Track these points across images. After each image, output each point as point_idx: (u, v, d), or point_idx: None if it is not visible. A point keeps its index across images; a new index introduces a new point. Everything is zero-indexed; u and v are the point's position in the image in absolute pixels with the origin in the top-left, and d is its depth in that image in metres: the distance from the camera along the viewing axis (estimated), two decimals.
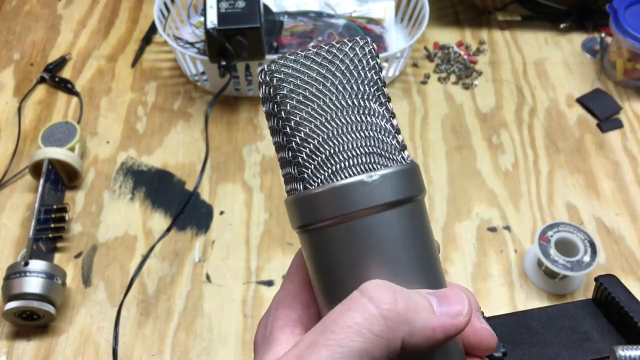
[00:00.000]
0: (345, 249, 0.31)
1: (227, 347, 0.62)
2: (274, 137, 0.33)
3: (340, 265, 0.31)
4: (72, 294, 0.65)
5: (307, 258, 0.34)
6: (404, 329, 0.29)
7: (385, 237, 0.31)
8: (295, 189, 0.32)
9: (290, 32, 0.88)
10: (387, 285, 0.29)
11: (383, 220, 0.31)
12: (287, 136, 0.32)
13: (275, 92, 0.32)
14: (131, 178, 0.75)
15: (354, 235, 0.31)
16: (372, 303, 0.29)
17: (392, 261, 0.31)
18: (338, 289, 0.31)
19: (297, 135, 0.31)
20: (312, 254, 0.33)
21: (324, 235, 0.31)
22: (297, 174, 0.32)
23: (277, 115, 0.32)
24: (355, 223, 0.30)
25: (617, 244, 0.69)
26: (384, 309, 0.28)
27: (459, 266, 0.67)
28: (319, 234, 0.32)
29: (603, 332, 0.39)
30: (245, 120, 0.80)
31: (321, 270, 0.32)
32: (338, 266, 0.31)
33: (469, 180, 0.75)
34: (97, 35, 0.91)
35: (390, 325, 0.28)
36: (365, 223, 0.30)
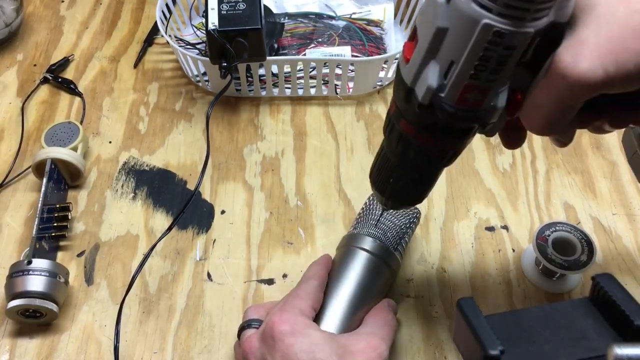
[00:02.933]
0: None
1: (228, 345, 0.62)
2: None
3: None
4: (74, 292, 0.66)
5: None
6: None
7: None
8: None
9: (290, 33, 0.88)
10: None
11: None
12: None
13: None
14: (133, 177, 0.75)
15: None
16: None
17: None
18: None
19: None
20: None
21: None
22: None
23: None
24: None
25: (614, 243, 0.70)
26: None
27: (457, 265, 0.68)
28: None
29: (600, 330, 0.39)
30: (246, 121, 0.81)
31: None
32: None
33: (467, 180, 0.75)
34: (100, 36, 0.91)
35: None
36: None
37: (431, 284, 0.67)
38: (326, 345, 0.50)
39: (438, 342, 0.63)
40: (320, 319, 0.56)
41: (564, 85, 0.37)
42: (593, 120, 0.43)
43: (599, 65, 0.36)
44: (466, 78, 0.38)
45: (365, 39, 0.88)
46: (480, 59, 0.36)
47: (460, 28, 0.36)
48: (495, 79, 0.38)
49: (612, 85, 0.37)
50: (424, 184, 0.49)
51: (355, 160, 0.77)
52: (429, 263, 0.68)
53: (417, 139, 0.43)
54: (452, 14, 0.36)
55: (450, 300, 0.65)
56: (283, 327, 0.51)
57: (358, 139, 0.79)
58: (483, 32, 0.35)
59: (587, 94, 0.38)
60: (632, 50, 0.35)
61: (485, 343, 0.36)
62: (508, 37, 0.35)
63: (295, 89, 0.83)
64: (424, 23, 0.38)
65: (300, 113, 0.82)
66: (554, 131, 0.42)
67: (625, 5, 0.36)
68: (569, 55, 0.37)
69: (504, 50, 0.36)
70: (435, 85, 0.38)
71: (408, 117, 0.43)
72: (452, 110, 0.39)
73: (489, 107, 0.40)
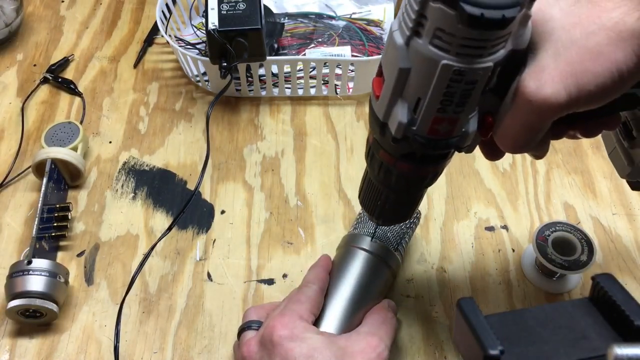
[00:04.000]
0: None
1: (228, 345, 0.62)
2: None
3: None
4: (74, 292, 0.66)
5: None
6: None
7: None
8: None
9: (290, 33, 0.88)
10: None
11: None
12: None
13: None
14: (133, 177, 0.75)
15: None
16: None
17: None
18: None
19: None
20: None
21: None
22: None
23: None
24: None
25: (614, 243, 0.70)
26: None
27: (457, 265, 0.68)
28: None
29: (600, 330, 0.39)
30: (246, 121, 0.81)
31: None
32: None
33: (467, 180, 0.75)
34: (100, 36, 0.91)
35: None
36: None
37: (431, 284, 0.67)
38: (325, 349, 0.51)
39: (438, 342, 0.63)
40: (320, 320, 0.56)
41: (530, 109, 0.39)
42: (565, 133, 0.45)
43: (561, 89, 0.37)
44: (434, 112, 0.39)
45: (365, 39, 0.88)
46: (444, 94, 0.38)
47: (422, 68, 0.37)
48: (462, 110, 0.39)
49: (576, 106, 0.38)
50: (410, 204, 0.51)
51: (355, 160, 0.77)
52: (429, 263, 0.68)
53: (396, 167, 0.45)
54: (413, 56, 0.37)
55: (450, 300, 0.65)
56: (282, 331, 0.51)
57: (358, 139, 0.79)
58: (443, 72, 0.36)
59: (553, 116, 0.39)
60: (591, 72, 0.37)
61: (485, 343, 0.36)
62: (468, 74, 0.36)
63: (295, 89, 0.83)
64: (387, 63, 0.40)
65: (300, 113, 0.82)
66: (527, 150, 0.43)
67: (580, 29, 0.37)
68: (532, 82, 0.38)
69: (466, 85, 0.37)
70: (405, 120, 0.40)
71: (385, 147, 0.44)
72: (425, 142, 0.41)
73: (460, 134, 0.41)
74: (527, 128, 0.40)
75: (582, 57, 0.37)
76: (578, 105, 0.38)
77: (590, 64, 0.37)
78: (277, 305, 0.58)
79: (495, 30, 0.34)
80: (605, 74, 0.36)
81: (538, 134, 0.41)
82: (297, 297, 0.56)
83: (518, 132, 0.41)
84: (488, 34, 0.35)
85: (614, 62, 0.36)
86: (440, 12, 0.34)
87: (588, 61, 0.37)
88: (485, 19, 0.33)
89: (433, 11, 0.35)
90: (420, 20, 0.36)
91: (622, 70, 0.36)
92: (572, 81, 0.37)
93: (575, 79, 0.37)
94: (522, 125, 0.40)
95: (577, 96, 0.37)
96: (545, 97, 0.38)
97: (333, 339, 0.53)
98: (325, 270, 0.60)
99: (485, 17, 0.33)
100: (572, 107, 0.38)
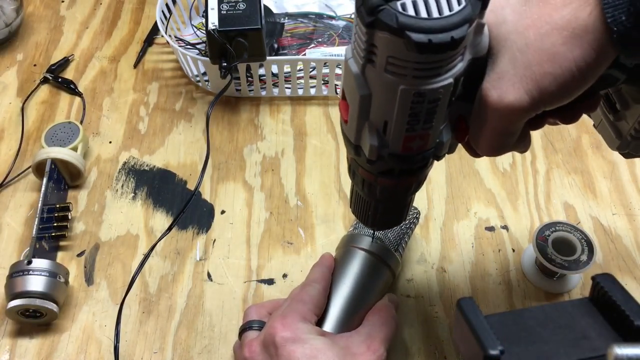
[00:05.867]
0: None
1: (228, 345, 0.62)
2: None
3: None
4: (74, 292, 0.66)
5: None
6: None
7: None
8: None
9: (290, 33, 0.88)
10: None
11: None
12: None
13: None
14: (133, 177, 0.75)
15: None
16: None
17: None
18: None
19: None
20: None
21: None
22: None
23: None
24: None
25: (614, 243, 0.70)
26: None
27: (457, 265, 0.68)
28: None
29: (600, 330, 0.39)
30: (246, 121, 0.81)
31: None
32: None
33: (468, 179, 0.75)
34: (100, 36, 0.91)
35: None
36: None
37: (431, 284, 0.67)
38: (328, 350, 0.51)
39: (438, 342, 0.63)
40: (322, 319, 0.57)
41: (497, 116, 0.39)
42: (543, 123, 0.45)
43: (523, 93, 0.37)
44: (403, 132, 0.39)
45: None
46: (409, 115, 0.37)
47: (382, 94, 0.37)
48: (431, 126, 0.39)
49: (542, 107, 0.38)
50: (400, 210, 0.51)
51: None
52: (429, 263, 0.68)
53: (378, 182, 0.45)
54: (370, 83, 0.37)
55: (450, 300, 0.65)
56: (284, 333, 0.52)
57: None
58: (403, 96, 0.36)
59: (521, 120, 0.39)
60: (551, 73, 0.36)
61: (485, 343, 0.36)
62: (429, 94, 0.36)
63: (295, 89, 0.83)
64: (348, 90, 0.39)
65: (300, 113, 0.82)
66: (504, 151, 0.43)
67: (534, 31, 0.37)
68: (494, 90, 0.38)
69: (430, 104, 0.37)
70: (376, 144, 0.40)
71: (364, 167, 0.44)
72: (400, 159, 0.41)
73: (435, 145, 0.41)
74: (499, 133, 0.41)
75: (539, 59, 0.37)
76: (544, 106, 0.38)
77: (548, 66, 0.36)
78: (278, 303, 0.58)
79: (447, 52, 0.34)
80: (565, 74, 0.36)
81: (512, 137, 0.41)
82: (300, 297, 0.56)
83: (491, 138, 0.41)
84: (440, 56, 0.34)
85: (572, 60, 0.36)
86: (389, 41, 0.34)
87: (546, 63, 0.36)
88: (433, 44, 0.32)
89: (381, 40, 0.34)
90: (372, 49, 0.35)
91: (582, 67, 0.36)
92: (533, 85, 0.37)
93: (536, 83, 0.37)
94: (493, 131, 0.40)
95: (540, 98, 0.37)
96: (508, 104, 0.38)
97: (335, 339, 0.53)
98: (329, 270, 0.60)
99: (434, 42, 0.32)
100: (537, 108, 0.38)
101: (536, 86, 0.37)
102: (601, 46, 0.35)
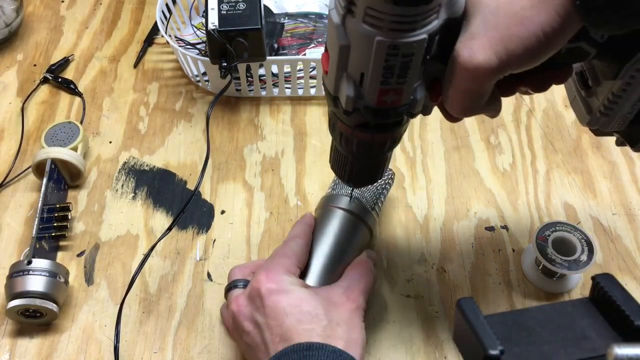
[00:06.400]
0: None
1: (228, 345, 0.62)
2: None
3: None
4: (74, 292, 0.66)
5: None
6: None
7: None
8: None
9: (290, 33, 0.88)
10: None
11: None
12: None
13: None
14: (133, 177, 0.75)
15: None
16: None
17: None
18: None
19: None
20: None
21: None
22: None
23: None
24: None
25: (614, 243, 0.70)
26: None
27: (457, 265, 0.68)
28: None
29: (600, 330, 0.39)
30: (246, 121, 0.81)
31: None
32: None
33: (467, 179, 0.75)
34: (100, 36, 0.91)
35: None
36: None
37: (431, 284, 0.67)
38: (312, 299, 0.53)
39: (438, 342, 0.63)
40: (303, 274, 0.59)
41: (466, 76, 0.41)
42: (514, 90, 0.47)
43: (492, 54, 0.39)
44: (378, 85, 0.41)
45: None
46: (384, 68, 0.39)
47: (359, 45, 0.39)
48: (405, 81, 0.41)
49: (508, 69, 0.40)
50: (377, 167, 0.53)
51: None
52: (429, 263, 0.68)
53: (354, 136, 0.47)
54: (350, 34, 0.39)
55: (450, 300, 0.65)
56: (269, 284, 0.54)
57: None
58: (379, 48, 0.38)
59: (490, 80, 0.41)
60: (518, 36, 0.39)
61: (485, 343, 0.36)
62: (403, 48, 0.38)
63: (295, 89, 0.83)
64: (330, 40, 0.42)
65: (300, 113, 0.82)
66: (474, 112, 0.45)
67: None
68: (465, 50, 0.40)
69: (404, 58, 0.39)
70: (352, 94, 0.42)
71: (341, 119, 0.46)
72: (375, 112, 0.43)
73: (409, 101, 0.43)
74: (469, 93, 0.42)
75: (508, 22, 0.39)
76: (510, 68, 0.40)
77: (515, 29, 0.38)
78: (260, 263, 0.60)
79: (422, 6, 0.36)
80: (531, 37, 0.38)
81: (480, 97, 0.43)
82: (283, 252, 0.58)
83: (461, 97, 0.43)
84: (415, 10, 0.36)
85: (538, 24, 0.38)
86: None
87: (514, 26, 0.38)
88: None
89: None
90: (352, 0, 0.37)
91: (547, 32, 0.38)
92: (501, 47, 0.39)
93: (504, 44, 0.39)
94: (464, 92, 0.42)
95: (507, 60, 0.39)
96: (477, 64, 0.40)
97: (317, 290, 0.56)
98: (310, 227, 0.62)
99: None
100: (504, 70, 0.40)
101: (504, 48, 0.39)
102: (567, 12, 0.37)
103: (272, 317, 0.52)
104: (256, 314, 0.54)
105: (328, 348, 0.49)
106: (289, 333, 0.51)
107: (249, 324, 0.54)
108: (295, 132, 0.80)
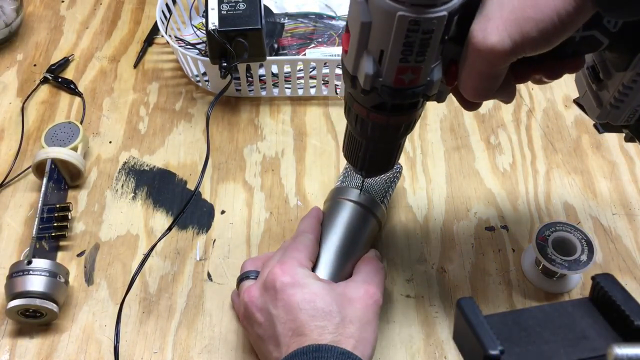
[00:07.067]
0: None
1: (228, 345, 0.62)
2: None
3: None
4: (74, 292, 0.66)
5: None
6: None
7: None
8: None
9: (290, 33, 0.88)
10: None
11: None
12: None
13: None
14: (133, 177, 0.75)
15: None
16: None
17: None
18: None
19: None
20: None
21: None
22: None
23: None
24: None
25: (614, 243, 0.70)
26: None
27: (457, 265, 0.68)
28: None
29: (600, 330, 0.39)
30: (246, 121, 0.81)
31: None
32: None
33: (467, 180, 0.75)
34: (100, 36, 0.91)
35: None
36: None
37: (431, 284, 0.67)
38: (326, 295, 0.53)
39: (438, 342, 0.63)
40: (315, 268, 0.59)
41: (480, 58, 0.41)
42: (528, 76, 0.47)
43: (506, 37, 0.40)
44: (397, 62, 0.41)
45: None
46: (404, 45, 0.40)
47: (381, 21, 0.40)
48: (424, 59, 0.41)
49: (522, 52, 0.40)
50: (390, 154, 0.54)
51: None
52: (429, 263, 0.68)
53: (370, 118, 0.48)
54: (372, 10, 0.40)
55: (450, 300, 0.65)
56: (284, 278, 0.54)
57: None
58: (400, 23, 0.39)
59: (503, 63, 0.41)
60: (533, 18, 0.39)
61: (485, 343, 0.36)
62: (424, 24, 0.39)
63: (295, 89, 0.83)
64: (351, 18, 0.42)
65: (300, 113, 0.82)
66: (488, 97, 0.45)
67: None
68: (479, 31, 0.40)
69: (424, 35, 0.39)
70: (371, 72, 0.43)
71: (358, 100, 0.47)
72: (392, 91, 0.43)
73: (426, 82, 0.44)
74: (482, 76, 0.43)
75: (523, 4, 0.39)
76: (524, 51, 0.40)
77: (531, 11, 0.39)
78: (270, 255, 0.60)
79: None
80: (545, 20, 0.39)
81: (494, 80, 0.43)
82: (294, 246, 0.58)
83: (475, 80, 0.43)
84: None
85: (554, 8, 0.38)
86: None
87: (529, 8, 0.39)
88: None
89: None
90: None
91: (562, 16, 0.38)
92: (516, 29, 0.39)
93: (519, 27, 0.39)
94: (478, 74, 0.43)
95: (521, 43, 0.40)
96: (491, 46, 0.40)
97: (332, 285, 0.56)
98: (318, 221, 0.62)
99: None
100: (518, 53, 0.40)
101: (519, 30, 0.39)
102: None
103: (286, 310, 0.52)
104: (269, 306, 0.54)
105: (337, 350, 0.49)
106: (302, 328, 0.51)
107: (261, 315, 0.54)
108: (295, 132, 0.80)
